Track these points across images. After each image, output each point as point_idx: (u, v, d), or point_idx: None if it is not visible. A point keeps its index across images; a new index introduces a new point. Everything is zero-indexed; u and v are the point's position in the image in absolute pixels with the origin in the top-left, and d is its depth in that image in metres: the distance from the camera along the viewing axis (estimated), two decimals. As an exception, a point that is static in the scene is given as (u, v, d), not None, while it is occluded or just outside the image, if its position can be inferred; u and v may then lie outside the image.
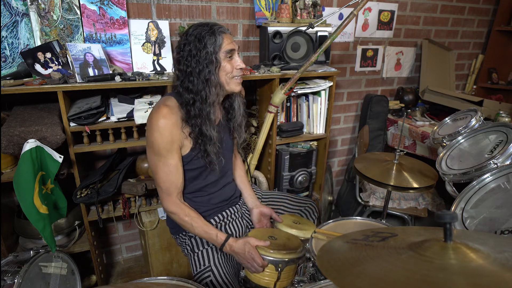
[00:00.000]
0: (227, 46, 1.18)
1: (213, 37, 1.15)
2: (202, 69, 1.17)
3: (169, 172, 1.21)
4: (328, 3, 2.22)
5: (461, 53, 2.93)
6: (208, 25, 1.18)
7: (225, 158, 1.35)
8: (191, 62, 1.17)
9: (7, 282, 1.23)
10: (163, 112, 1.17)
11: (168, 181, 1.22)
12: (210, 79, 1.18)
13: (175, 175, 1.23)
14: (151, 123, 1.19)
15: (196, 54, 1.16)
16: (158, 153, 1.19)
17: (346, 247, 0.62)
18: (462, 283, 0.44)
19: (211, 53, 1.16)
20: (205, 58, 1.16)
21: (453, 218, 0.53)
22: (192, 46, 1.16)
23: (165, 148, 1.18)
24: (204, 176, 1.32)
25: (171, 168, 1.21)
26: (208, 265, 1.27)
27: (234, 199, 1.48)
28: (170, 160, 1.20)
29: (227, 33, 1.20)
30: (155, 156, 1.20)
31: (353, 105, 2.64)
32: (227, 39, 1.18)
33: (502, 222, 1.01)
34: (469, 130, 1.47)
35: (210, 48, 1.15)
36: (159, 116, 1.17)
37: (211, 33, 1.15)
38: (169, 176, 1.22)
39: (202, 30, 1.16)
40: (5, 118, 1.49)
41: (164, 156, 1.19)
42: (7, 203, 1.75)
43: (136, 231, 2.21)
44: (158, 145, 1.18)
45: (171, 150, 1.19)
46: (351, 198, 2.45)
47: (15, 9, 1.49)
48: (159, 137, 1.17)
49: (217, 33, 1.16)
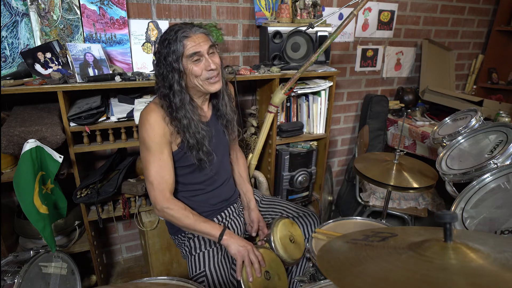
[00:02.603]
0: (190, 50, 1.15)
1: (175, 44, 1.14)
2: (166, 76, 1.18)
3: (160, 167, 1.22)
4: (328, 3, 2.22)
5: (461, 53, 2.93)
6: (173, 30, 1.16)
7: (219, 155, 1.35)
8: (160, 66, 1.19)
9: (7, 282, 1.23)
10: (151, 107, 1.22)
11: (159, 176, 1.22)
12: (173, 87, 1.18)
13: (166, 170, 1.23)
14: (142, 119, 1.22)
15: (161, 59, 1.18)
16: (149, 148, 1.21)
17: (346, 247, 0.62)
18: (462, 283, 0.44)
19: (173, 61, 1.15)
20: (169, 65, 1.16)
21: (453, 218, 0.53)
22: (160, 50, 1.18)
23: (156, 141, 1.20)
24: (198, 173, 1.32)
25: (162, 163, 1.22)
26: (203, 270, 1.27)
27: (234, 199, 1.48)
28: (161, 154, 1.22)
29: (195, 35, 1.16)
30: (146, 151, 1.22)
31: (353, 105, 2.64)
32: (191, 43, 1.15)
33: (502, 222, 1.01)
34: (469, 130, 1.47)
35: (172, 56, 1.15)
36: (148, 111, 1.22)
37: (174, 39, 1.14)
38: (161, 171, 1.22)
39: (167, 36, 1.16)
40: (5, 118, 1.49)
41: (155, 150, 1.21)
42: (7, 203, 1.75)
43: (136, 231, 2.21)
44: (149, 139, 1.20)
45: (161, 144, 1.21)
46: (351, 198, 2.45)
47: (15, 9, 1.49)
48: (150, 130, 1.20)
49: (180, 38, 1.14)
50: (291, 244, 1.35)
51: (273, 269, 1.25)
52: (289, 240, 1.36)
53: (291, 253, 1.33)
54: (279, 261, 1.30)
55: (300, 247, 1.38)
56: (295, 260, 1.34)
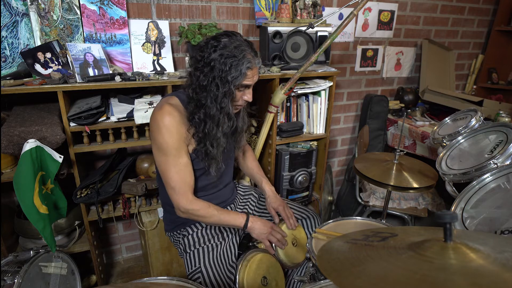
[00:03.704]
0: (246, 82, 1.17)
1: (238, 68, 1.12)
2: (217, 94, 1.14)
3: (179, 170, 1.19)
4: (328, 3, 2.22)
5: (461, 53, 2.93)
6: (240, 49, 1.11)
7: (226, 163, 1.35)
8: (209, 77, 1.13)
9: (7, 282, 1.23)
10: (167, 110, 1.15)
11: (180, 180, 1.20)
12: (225, 108, 1.17)
13: (186, 173, 1.21)
14: (156, 122, 1.16)
15: (216, 75, 1.12)
16: (167, 153, 1.17)
17: (346, 247, 0.62)
18: (462, 283, 0.44)
19: (229, 82, 1.13)
20: (224, 83, 1.13)
21: (453, 218, 0.53)
22: (218, 60, 1.11)
23: (174, 146, 1.16)
24: (204, 177, 1.32)
25: (181, 167, 1.19)
26: (198, 266, 1.27)
27: (231, 200, 1.48)
28: (179, 158, 1.18)
29: (255, 67, 1.16)
30: (164, 157, 1.18)
31: (353, 105, 2.64)
32: (250, 74, 1.15)
33: (502, 222, 1.01)
34: (469, 130, 1.47)
35: (231, 78, 1.12)
36: (164, 114, 1.15)
37: (240, 63, 1.11)
38: (181, 175, 1.19)
39: (235, 53, 1.10)
40: (5, 118, 1.49)
41: (173, 155, 1.17)
42: (7, 203, 1.75)
43: (136, 231, 2.21)
44: (167, 144, 1.15)
45: (179, 148, 1.18)
46: (351, 198, 2.45)
47: (15, 9, 1.49)
48: (167, 135, 1.14)
49: (244, 67, 1.12)
50: (293, 248, 1.35)
51: (271, 274, 1.25)
52: (291, 244, 1.35)
53: (292, 257, 1.32)
54: (278, 266, 1.29)
55: (303, 250, 1.37)
56: (296, 264, 1.34)
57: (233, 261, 1.29)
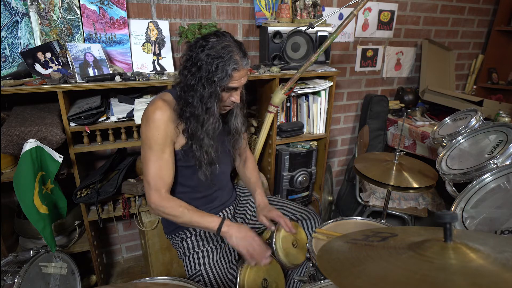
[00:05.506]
0: (233, 84, 1.16)
1: (224, 69, 1.11)
2: (203, 94, 1.14)
3: (159, 166, 1.19)
4: (328, 3, 2.22)
5: (461, 53, 2.93)
6: (227, 50, 1.11)
7: (221, 164, 1.33)
8: (196, 77, 1.13)
9: (7, 282, 1.23)
10: (158, 105, 1.17)
11: (157, 176, 1.19)
12: (210, 109, 1.16)
13: (166, 170, 1.21)
14: (146, 115, 1.18)
15: (202, 75, 1.12)
16: (151, 147, 1.18)
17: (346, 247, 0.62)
18: (462, 283, 0.44)
19: (215, 83, 1.12)
20: (210, 83, 1.12)
21: (453, 218, 0.53)
22: (205, 60, 1.11)
23: (158, 142, 1.17)
24: (196, 176, 1.30)
25: (162, 163, 1.19)
26: (198, 269, 1.26)
27: (230, 203, 1.47)
28: (162, 154, 1.19)
29: (242, 69, 1.15)
30: (147, 150, 1.19)
31: (353, 105, 2.64)
32: (237, 76, 1.15)
33: (502, 222, 1.01)
34: (469, 130, 1.47)
35: (216, 79, 1.12)
36: (155, 108, 1.16)
37: (227, 64, 1.10)
38: (159, 171, 1.19)
39: (221, 54, 1.10)
40: (5, 118, 1.49)
41: (156, 150, 1.18)
42: (7, 203, 1.75)
43: (136, 231, 2.21)
44: (152, 138, 1.16)
45: (164, 144, 1.18)
46: (351, 198, 2.45)
47: (15, 9, 1.49)
48: (154, 130, 1.16)
49: (231, 69, 1.11)
50: (293, 249, 1.34)
51: (272, 276, 1.25)
52: (292, 245, 1.35)
53: (292, 258, 1.32)
54: (279, 268, 1.29)
55: (303, 251, 1.37)
56: (296, 265, 1.34)
57: (233, 263, 1.28)
